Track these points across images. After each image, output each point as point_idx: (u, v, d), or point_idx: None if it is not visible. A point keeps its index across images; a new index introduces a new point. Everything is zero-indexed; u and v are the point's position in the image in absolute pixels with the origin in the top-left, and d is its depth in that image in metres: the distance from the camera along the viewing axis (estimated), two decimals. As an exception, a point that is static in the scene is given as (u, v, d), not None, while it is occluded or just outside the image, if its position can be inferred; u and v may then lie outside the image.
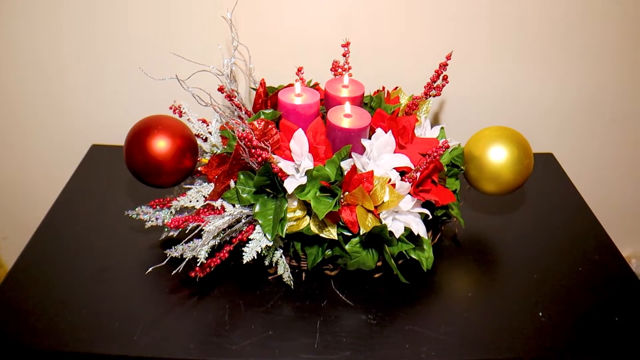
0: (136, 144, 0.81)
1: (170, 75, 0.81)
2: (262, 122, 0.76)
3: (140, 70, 1.03)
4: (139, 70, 1.04)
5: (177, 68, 0.89)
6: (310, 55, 1.06)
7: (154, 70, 1.06)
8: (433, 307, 0.79)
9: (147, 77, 0.88)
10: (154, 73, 1.01)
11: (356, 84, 0.86)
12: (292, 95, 0.81)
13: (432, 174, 0.78)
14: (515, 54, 1.09)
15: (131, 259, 0.87)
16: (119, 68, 1.09)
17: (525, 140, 0.89)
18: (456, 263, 0.88)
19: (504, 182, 0.87)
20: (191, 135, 0.86)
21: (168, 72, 0.87)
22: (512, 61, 1.09)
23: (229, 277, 0.83)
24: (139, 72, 1.05)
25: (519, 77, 1.12)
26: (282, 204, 0.75)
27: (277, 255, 0.79)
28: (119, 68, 1.09)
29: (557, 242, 0.93)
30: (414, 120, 0.83)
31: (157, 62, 1.08)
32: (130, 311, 0.78)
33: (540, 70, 1.11)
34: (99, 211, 0.97)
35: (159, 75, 0.82)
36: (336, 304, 0.79)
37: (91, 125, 1.17)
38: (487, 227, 0.97)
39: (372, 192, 0.74)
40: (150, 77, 0.86)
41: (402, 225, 0.75)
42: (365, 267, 0.78)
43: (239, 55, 1.02)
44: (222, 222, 0.74)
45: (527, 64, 1.10)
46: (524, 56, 1.09)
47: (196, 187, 0.82)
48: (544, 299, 0.81)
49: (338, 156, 0.76)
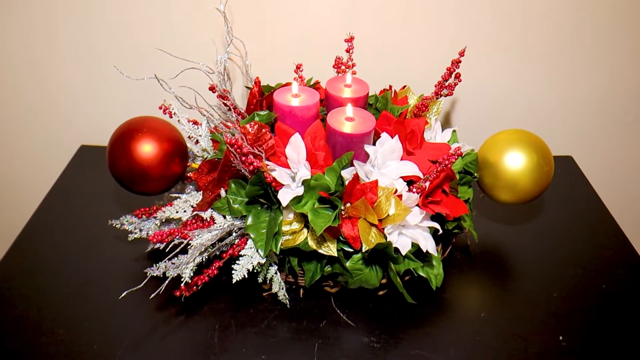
0: (119, 149, 0.76)
1: (157, 73, 0.74)
2: (256, 125, 0.69)
3: (134, 68, 0.98)
4: (130, 69, 0.98)
5: (169, 65, 0.82)
6: (311, 51, 1.01)
7: (147, 68, 1.00)
8: (442, 328, 0.74)
9: (140, 75, 0.82)
10: (147, 71, 0.95)
11: (360, 83, 0.79)
12: (288, 96, 0.74)
13: (443, 184, 0.71)
14: (534, 50, 1.02)
15: (115, 272, 0.81)
16: (110, 66, 1.03)
17: (545, 145, 0.82)
18: (468, 279, 0.82)
19: (521, 191, 0.80)
20: (180, 138, 0.80)
21: (159, 70, 0.81)
22: (530, 58, 1.03)
23: (220, 293, 0.77)
24: (130, 70, 0.98)
25: (538, 75, 1.05)
26: (276, 216, 0.69)
27: (272, 271, 0.72)
28: (109, 66, 1.03)
29: (578, 256, 0.86)
30: (423, 123, 0.75)
31: (148, 59, 1.01)
32: (110, 331, 0.72)
33: (562, 68, 1.04)
34: (84, 218, 0.92)
35: (149, 74, 0.76)
36: (336, 324, 0.74)
37: (80, 124, 1.12)
38: (501, 238, 0.90)
39: (376, 204, 0.67)
40: (133, 78, 0.79)
41: (409, 241, 0.68)
42: (368, 285, 0.71)
43: (235, 51, 0.95)
44: (210, 236, 0.67)
45: (547, 60, 1.03)
46: (544, 52, 1.02)
47: (184, 196, 0.75)
48: (565, 320, 0.75)
49: (339, 164, 0.69)
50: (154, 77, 0.70)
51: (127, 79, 1.04)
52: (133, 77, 0.74)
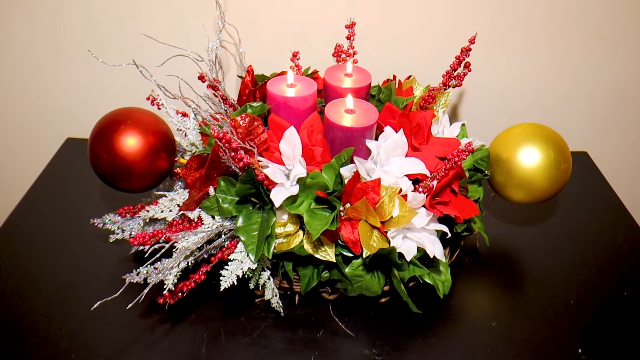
0: (101, 142, 0.72)
1: (145, 61, 0.68)
2: (247, 117, 0.63)
3: (120, 58, 0.92)
4: (119, 58, 0.93)
5: (157, 53, 0.77)
6: (309, 39, 0.96)
7: (134, 56, 0.94)
8: (450, 339, 0.69)
9: (129, 65, 0.76)
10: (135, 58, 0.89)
11: (362, 72, 0.73)
12: (283, 86, 0.68)
13: (452, 182, 0.65)
14: (547, 39, 0.96)
15: (97, 275, 0.76)
16: (98, 54, 0.97)
17: (562, 141, 0.76)
18: (477, 285, 0.77)
19: (536, 190, 0.74)
20: (167, 131, 0.75)
21: (147, 58, 0.75)
22: (544, 47, 0.97)
23: (208, 298, 0.73)
24: (119, 59, 0.93)
25: (552, 65, 1.00)
26: (269, 218, 0.63)
27: (264, 276, 0.67)
28: (97, 54, 0.97)
29: (596, 260, 0.81)
30: (430, 116, 0.69)
31: (135, 46, 0.96)
32: (90, 340, 0.67)
33: (577, 58, 0.99)
34: (66, 215, 0.87)
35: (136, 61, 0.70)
36: (334, 335, 0.69)
37: (67, 115, 1.07)
38: (512, 240, 0.85)
39: (379, 205, 0.62)
40: (110, 64, 0.73)
41: (414, 246, 0.63)
42: (369, 293, 0.66)
43: (228, 39, 0.89)
44: (197, 239, 0.62)
45: (562, 50, 0.98)
46: (559, 41, 0.97)
47: (170, 195, 0.70)
48: (584, 330, 0.70)
49: (337, 160, 0.64)
50: (132, 63, 0.64)
51: (118, 67, 0.99)
52: (110, 63, 0.68)
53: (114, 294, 0.60)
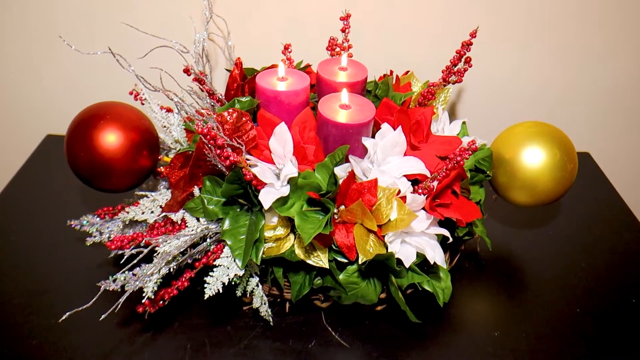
0: (79, 138, 0.68)
1: (129, 53, 0.64)
2: (235, 113, 0.59)
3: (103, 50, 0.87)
4: (101, 50, 0.88)
5: (141, 44, 0.72)
6: (302, 32, 0.93)
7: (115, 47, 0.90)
8: (450, 349, 0.65)
9: (112, 58, 0.71)
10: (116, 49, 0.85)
11: (357, 66, 0.69)
12: (273, 79, 0.64)
13: (454, 183, 0.61)
14: (549, 35, 0.93)
15: (74, 281, 0.72)
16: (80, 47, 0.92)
17: (568, 140, 0.73)
18: (478, 291, 0.73)
19: (541, 191, 0.71)
20: (150, 127, 0.71)
21: (132, 50, 0.71)
22: (546, 43, 0.94)
23: (193, 306, 0.68)
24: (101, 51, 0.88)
25: (554, 62, 0.96)
26: (257, 220, 0.59)
27: (253, 283, 0.62)
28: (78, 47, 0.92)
29: (602, 264, 0.79)
30: (430, 113, 0.65)
31: (118, 36, 0.91)
32: (64, 351, 0.63)
33: (578, 56, 0.96)
34: (43, 216, 0.83)
35: (116, 52, 0.65)
36: (327, 345, 0.65)
37: (47, 111, 1.03)
38: (514, 244, 0.82)
39: (376, 208, 0.58)
40: (84, 52, 0.68)
41: (413, 251, 0.59)
42: (364, 301, 0.62)
43: (217, 32, 0.85)
44: (179, 243, 0.57)
45: (565, 47, 0.95)
46: (561, 38, 0.93)
47: (152, 195, 0.65)
48: (592, 340, 0.67)
49: (331, 159, 0.60)
50: (108, 51, 0.59)
51: (101, 62, 0.95)
52: (84, 51, 0.63)
53: (89, 302, 0.55)
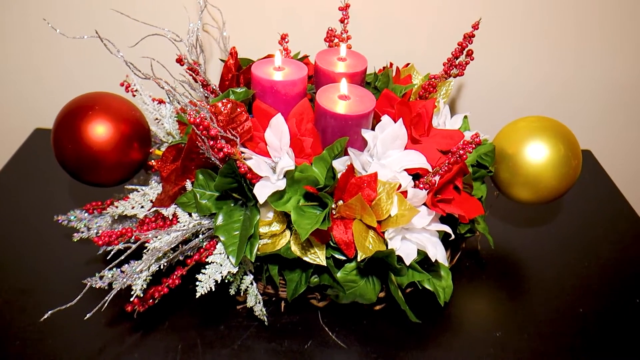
0: (66, 130, 0.65)
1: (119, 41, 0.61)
2: (229, 104, 0.56)
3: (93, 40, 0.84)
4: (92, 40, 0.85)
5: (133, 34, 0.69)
6: (299, 23, 0.90)
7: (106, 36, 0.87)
8: (450, 351, 0.63)
9: (103, 50, 0.68)
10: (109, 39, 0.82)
11: (357, 56, 0.67)
12: (270, 69, 0.61)
13: (456, 178, 0.59)
14: (550, 31, 0.91)
15: (61, 278, 0.69)
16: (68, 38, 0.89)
17: (572, 135, 0.71)
18: (480, 290, 0.71)
19: (544, 188, 0.69)
20: (141, 118, 0.68)
21: (122, 38, 0.68)
22: (547, 39, 0.92)
23: (184, 305, 0.66)
24: (92, 41, 0.85)
25: (555, 59, 0.94)
26: (252, 216, 0.56)
27: (247, 281, 0.60)
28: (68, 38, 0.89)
29: (606, 262, 0.77)
30: (431, 105, 0.63)
31: (109, 26, 0.88)
32: (49, 352, 0.60)
33: (579, 52, 0.93)
34: (30, 212, 0.80)
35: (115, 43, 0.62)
36: (324, 346, 0.63)
37: (35, 105, 1.00)
38: (516, 242, 0.80)
39: (375, 203, 0.56)
40: (69, 35, 0.66)
41: (414, 248, 0.56)
42: (363, 300, 0.59)
43: (211, 22, 0.82)
44: (170, 239, 0.55)
45: (566, 43, 0.93)
46: (562, 34, 0.91)
47: (143, 189, 0.62)
48: (596, 341, 0.65)
49: (330, 152, 0.58)
50: (96, 35, 0.56)
51: (86, 55, 0.92)
52: (69, 34, 0.60)
53: (73, 301, 0.53)
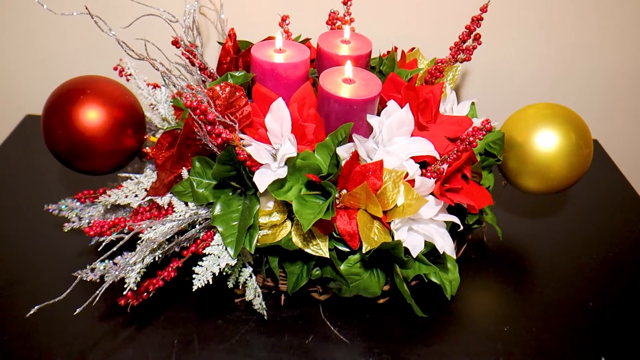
0: (56, 115, 0.62)
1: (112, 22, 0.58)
2: (227, 87, 0.54)
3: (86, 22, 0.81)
4: (84, 22, 0.82)
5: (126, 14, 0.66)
6: (300, 5, 0.86)
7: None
8: (456, 346, 0.61)
9: (96, 32, 0.65)
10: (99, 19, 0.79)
11: (361, 39, 0.64)
12: (270, 51, 0.59)
13: (464, 167, 0.56)
14: (556, 17, 0.88)
15: (52, 270, 0.67)
16: (61, 20, 0.86)
17: (583, 123, 0.68)
18: (486, 284, 0.69)
19: (554, 178, 0.66)
20: (135, 103, 0.65)
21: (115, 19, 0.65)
22: (557, 28, 0.89)
23: (180, 298, 0.64)
24: (84, 24, 0.82)
25: (562, 46, 0.91)
26: (252, 205, 0.54)
27: (246, 273, 0.57)
28: (60, 20, 0.87)
29: (615, 255, 0.75)
30: (439, 91, 0.60)
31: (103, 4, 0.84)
32: (39, 347, 0.58)
33: (590, 42, 0.91)
34: (20, 201, 0.77)
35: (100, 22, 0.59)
36: (326, 341, 0.61)
37: (26, 91, 0.97)
38: (524, 233, 0.78)
39: (381, 192, 0.53)
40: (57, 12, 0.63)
41: (421, 240, 0.54)
42: (367, 293, 0.57)
43: (208, 4, 0.79)
44: (165, 229, 0.52)
45: (575, 32, 0.90)
46: (567, 20, 0.88)
47: (137, 177, 0.60)
48: (606, 335, 0.63)
49: (333, 139, 0.55)
50: (86, 12, 0.53)
51: (83, 37, 0.89)
52: (57, 11, 0.57)
53: (62, 295, 0.50)
